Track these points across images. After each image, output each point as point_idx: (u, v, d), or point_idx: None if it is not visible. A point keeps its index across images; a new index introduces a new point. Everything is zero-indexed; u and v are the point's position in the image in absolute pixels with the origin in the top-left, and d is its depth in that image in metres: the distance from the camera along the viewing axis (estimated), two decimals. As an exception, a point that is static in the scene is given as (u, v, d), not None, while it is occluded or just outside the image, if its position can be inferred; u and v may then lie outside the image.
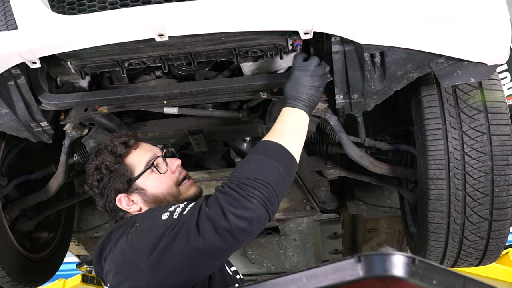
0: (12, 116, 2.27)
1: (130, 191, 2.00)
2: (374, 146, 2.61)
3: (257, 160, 1.83)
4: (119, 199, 1.99)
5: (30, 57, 2.03)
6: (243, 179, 1.77)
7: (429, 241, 2.44)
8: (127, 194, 2.00)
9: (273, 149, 1.86)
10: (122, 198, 1.99)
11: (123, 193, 1.99)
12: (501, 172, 2.26)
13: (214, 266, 1.80)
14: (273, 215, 1.80)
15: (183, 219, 1.75)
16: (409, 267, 1.08)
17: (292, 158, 1.88)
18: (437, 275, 1.10)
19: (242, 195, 1.73)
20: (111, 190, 2.00)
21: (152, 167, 2.01)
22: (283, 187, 1.83)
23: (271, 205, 1.77)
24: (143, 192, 2.00)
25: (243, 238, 1.74)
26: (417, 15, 1.97)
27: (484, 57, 2.09)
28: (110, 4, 1.98)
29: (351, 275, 1.09)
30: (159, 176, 2.01)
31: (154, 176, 2.01)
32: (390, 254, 1.09)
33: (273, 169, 1.80)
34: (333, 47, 2.07)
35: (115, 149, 2.01)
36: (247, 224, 1.71)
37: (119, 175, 1.99)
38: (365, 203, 3.35)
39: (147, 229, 1.80)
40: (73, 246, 3.81)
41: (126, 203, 2.00)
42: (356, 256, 1.10)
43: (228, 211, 1.70)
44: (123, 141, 2.03)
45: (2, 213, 2.65)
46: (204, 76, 2.33)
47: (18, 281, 2.75)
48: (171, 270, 1.72)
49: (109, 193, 2.00)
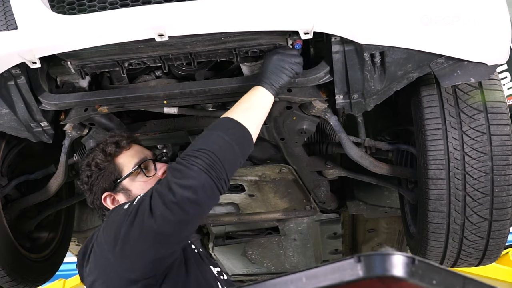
0: (12, 116, 2.27)
1: (116, 190, 2.04)
2: (374, 146, 2.61)
3: (204, 134, 1.89)
4: (105, 197, 2.04)
5: (30, 57, 2.03)
6: (188, 151, 1.82)
7: (429, 241, 2.44)
8: (113, 193, 2.04)
9: (221, 122, 1.92)
10: (108, 197, 2.04)
11: (109, 191, 2.04)
12: (501, 172, 2.26)
13: (174, 243, 1.80)
14: (220, 184, 1.82)
15: (138, 202, 1.80)
16: (409, 267, 1.08)
17: (241, 128, 1.90)
18: (437, 275, 1.10)
19: (184, 165, 1.77)
20: (98, 188, 2.04)
21: (139, 170, 2.04)
22: (230, 155, 1.85)
23: (214, 171, 1.78)
24: (128, 192, 2.03)
25: (193, 210, 1.76)
26: (417, 15, 1.97)
27: (484, 57, 2.09)
28: (110, 4, 1.99)
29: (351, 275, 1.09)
30: (146, 179, 2.04)
31: (140, 178, 2.05)
32: (390, 254, 1.09)
33: (218, 138, 1.84)
34: (333, 47, 2.07)
35: (106, 148, 2.06)
36: (191, 193, 1.74)
37: (107, 174, 2.04)
38: (365, 203, 3.35)
39: (111, 222, 1.85)
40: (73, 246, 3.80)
41: (111, 201, 2.04)
42: (356, 256, 1.10)
43: (173, 182, 1.74)
44: (115, 140, 2.08)
45: (2, 213, 2.65)
46: (204, 76, 2.33)
47: (18, 281, 2.75)
48: (136, 254, 1.75)
49: (96, 190, 2.05)
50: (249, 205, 3.17)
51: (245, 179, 2.89)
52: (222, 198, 3.03)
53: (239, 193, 3.03)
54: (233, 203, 3.17)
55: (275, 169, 2.83)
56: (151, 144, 2.71)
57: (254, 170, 2.82)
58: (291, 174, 2.85)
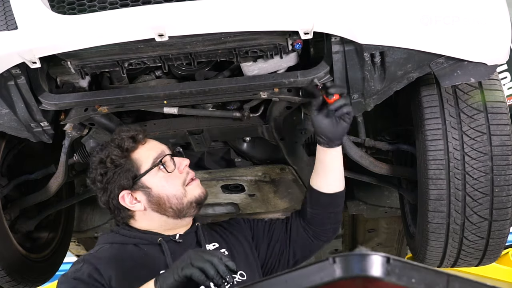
0: (12, 116, 2.27)
1: (134, 188, 1.92)
2: (374, 146, 2.61)
3: None
4: (123, 196, 1.93)
5: (30, 57, 2.03)
6: None
7: (429, 241, 2.44)
8: (131, 191, 1.93)
9: None
10: (126, 195, 1.93)
11: (127, 189, 1.92)
12: (501, 172, 2.26)
13: None
14: None
15: None
16: (384, 267, 1.08)
17: None
18: (416, 273, 1.10)
19: None
20: (115, 186, 1.92)
21: (159, 165, 1.94)
22: None
23: None
24: (148, 191, 1.93)
25: None
26: (417, 15, 1.97)
27: (484, 57, 2.09)
28: (110, 4, 1.98)
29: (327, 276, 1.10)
30: (166, 175, 1.94)
31: (161, 174, 1.94)
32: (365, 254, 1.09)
33: None
34: (333, 47, 2.07)
35: (122, 143, 1.94)
36: None
37: (124, 170, 1.92)
38: (365, 203, 3.35)
39: None
40: (73, 246, 3.81)
41: (130, 200, 1.93)
42: (331, 257, 1.11)
43: None
44: (131, 135, 1.96)
45: (2, 213, 2.65)
46: (204, 76, 2.33)
47: (18, 281, 2.75)
48: None
49: (112, 189, 1.93)
50: (249, 205, 3.17)
51: (245, 179, 2.89)
52: (222, 198, 3.06)
53: (239, 193, 3.03)
54: (233, 203, 3.16)
55: (275, 169, 2.83)
56: (151, 144, 2.70)
57: (254, 170, 2.82)
58: (291, 174, 2.85)
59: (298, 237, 2.16)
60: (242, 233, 2.13)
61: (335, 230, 2.20)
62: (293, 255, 2.15)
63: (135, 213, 1.97)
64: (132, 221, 1.99)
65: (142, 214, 1.96)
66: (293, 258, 2.16)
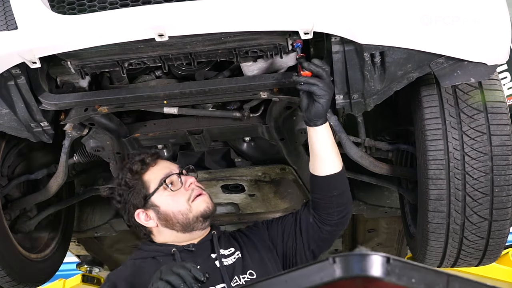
0: (12, 116, 2.27)
1: (146, 207, 2.09)
2: (374, 146, 2.61)
3: None
4: (137, 214, 2.09)
5: (30, 57, 2.03)
6: None
7: (429, 241, 2.44)
8: (145, 210, 2.09)
9: None
10: (140, 213, 2.09)
11: (141, 208, 2.09)
12: (501, 172, 2.25)
13: None
14: None
15: None
16: (384, 267, 1.08)
17: None
18: (416, 273, 1.10)
19: None
20: (130, 205, 2.10)
21: (164, 184, 2.07)
22: None
23: None
24: (157, 208, 2.08)
25: None
26: (417, 15, 1.97)
27: (484, 57, 2.09)
28: (110, 4, 1.98)
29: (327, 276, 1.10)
30: (172, 194, 2.08)
31: (167, 193, 2.08)
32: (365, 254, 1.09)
33: None
34: (333, 47, 2.07)
35: (133, 166, 2.11)
36: None
37: (136, 191, 2.09)
38: (365, 203, 3.35)
39: None
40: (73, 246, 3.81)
41: (144, 218, 2.09)
42: (331, 257, 1.11)
43: None
44: (141, 158, 2.12)
45: (2, 213, 2.65)
46: (204, 76, 2.34)
47: (18, 281, 2.75)
48: None
49: (129, 208, 2.11)
50: (249, 205, 3.17)
51: (245, 179, 2.89)
52: (222, 198, 3.07)
53: (239, 193, 3.03)
54: (233, 203, 3.17)
55: (275, 169, 2.83)
56: (151, 144, 2.71)
57: (254, 170, 2.82)
58: (291, 174, 2.85)
59: (309, 227, 2.19)
60: (259, 236, 2.22)
61: (341, 213, 2.19)
62: (308, 246, 2.19)
63: (152, 229, 2.13)
64: (152, 236, 2.15)
65: (157, 230, 2.12)
66: (308, 249, 2.19)
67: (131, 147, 2.61)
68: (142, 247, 2.16)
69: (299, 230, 2.19)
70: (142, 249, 2.16)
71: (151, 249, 2.12)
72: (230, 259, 2.09)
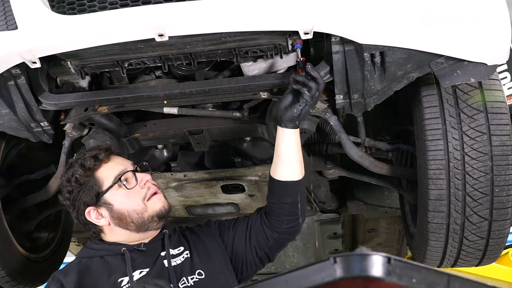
0: (12, 116, 2.27)
1: (98, 204, 2.03)
2: (374, 146, 2.61)
3: None
4: (88, 212, 2.04)
5: (30, 57, 2.03)
6: None
7: (429, 241, 2.44)
8: (96, 208, 2.04)
9: None
10: (92, 211, 2.04)
11: (92, 206, 2.03)
12: (501, 172, 2.25)
13: None
14: None
15: None
16: (385, 267, 1.08)
17: None
18: (417, 273, 1.10)
19: None
20: (81, 203, 2.04)
21: (119, 182, 2.03)
22: None
23: None
24: (110, 207, 2.03)
25: None
26: (417, 15, 1.97)
27: (484, 57, 2.09)
28: (110, 4, 1.98)
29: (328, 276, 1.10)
30: (127, 192, 2.03)
31: (121, 191, 2.03)
32: (366, 254, 1.09)
33: None
34: (333, 47, 2.07)
35: (85, 162, 2.04)
36: None
37: (87, 188, 2.03)
38: (365, 203, 3.35)
39: None
40: (73, 246, 3.81)
41: (95, 216, 2.04)
42: (332, 257, 1.11)
43: None
44: (93, 154, 2.06)
45: (2, 213, 2.65)
46: (204, 76, 2.34)
47: (18, 281, 2.75)
48: None
49: (79, 206, 2.05)
50: (249, 205, 3.17)
51: (245, 179, 2.89)
52: (222, 198, 3.06)
53: (239, 193, 3.03)
54: (233, 203, 3.17)
55: (275, 169, 2.82)
56: (151, 144, 2.71)
57: (254, 170, 2.82)
58: (291, 174, 2.84)
59: (258, 233, 2.17)
60: (210, 235, 2.19)
61: (290, 222, 2.16)
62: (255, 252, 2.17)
63: (103, 227, 2.07)
64: (102, 234, 2.10)
65: (108, 228, 2.06)
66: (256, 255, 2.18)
67: (131, 147, 2.61)
68: (90, 246, 2.10)
69: (249, 236, 2.17)
70: (90, 248, 2.09)
71: (99, 248, 2.07)
72: (178, 258, 2.06)
